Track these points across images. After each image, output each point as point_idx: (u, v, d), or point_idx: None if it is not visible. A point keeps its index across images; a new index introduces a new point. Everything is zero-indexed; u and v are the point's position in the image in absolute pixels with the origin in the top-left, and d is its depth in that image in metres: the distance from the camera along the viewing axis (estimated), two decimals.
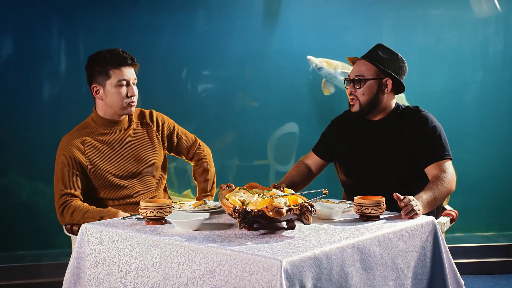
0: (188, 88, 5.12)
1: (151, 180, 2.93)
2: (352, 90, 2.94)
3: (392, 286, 2.21)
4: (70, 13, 4.75)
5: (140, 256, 2.15)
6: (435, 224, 2.43)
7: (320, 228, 2.24)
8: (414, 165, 2.88)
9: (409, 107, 3.01)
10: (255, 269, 1.85)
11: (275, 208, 2.07)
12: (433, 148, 2.85)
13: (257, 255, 1.85)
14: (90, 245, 2.33)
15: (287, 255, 1.84)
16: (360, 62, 2.96)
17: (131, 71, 2.85)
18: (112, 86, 2.81)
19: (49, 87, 4.84)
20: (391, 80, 2.92)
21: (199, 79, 5.13)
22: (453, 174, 2.80)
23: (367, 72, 2.91)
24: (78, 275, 2.37)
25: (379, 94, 2.93)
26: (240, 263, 1.88)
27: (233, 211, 2.11)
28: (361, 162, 2.98)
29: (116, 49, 2.84)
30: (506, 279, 4.59)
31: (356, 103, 2.94)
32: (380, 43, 3.01)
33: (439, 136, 2.88)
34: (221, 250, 1.94)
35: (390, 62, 2.92)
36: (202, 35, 5.02)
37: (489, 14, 5.32)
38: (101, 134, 2.88)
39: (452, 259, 2.47)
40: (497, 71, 5.33)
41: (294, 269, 1.83)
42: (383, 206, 2.38)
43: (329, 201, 2.62)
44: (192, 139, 3.14)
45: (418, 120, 2.92)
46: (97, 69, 2.82)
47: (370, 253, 2.12)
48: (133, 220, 2.42)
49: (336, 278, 1.97)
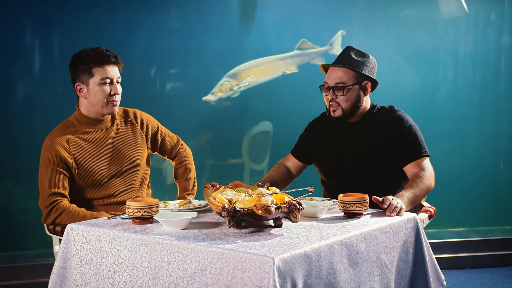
0: (157, 87, 5.10)
1: (134, 178, 2.93)
2: (333, 97, 2.94)
3: (377, 281, 2.26)
4: (44, 11, 4.69)
5: (128, 255, 2.16)
6: (417, 221, 2.48)
7: (307, 226, 2.27)
8: (391, 164, 2.94)
9: (384, 107, 3.05)
10: (247, 266, 1.87)
11: (264, 206, 2.09)
12: (410, 147, 2.91)
13: (249, 253, 1.88)
14: (76, 245, 2.31)
15: (278, 253, 1.87)
16: (336, 68, 2.95)
17: (114, 69, 2.84)
18: (95, 85, 2.80)
19: (22, 86, 4.77)
20: (370, 82, 2.97)
21: (167, 78, 5.12)
22: (431, 171, 2.86)
23: (347, 78, 2.92)
24: (64, 275, 2.35)
25: (360, 98, 2.96)
26: (232, 261, 1.90)
27: (222, 210, 2.13)
28: (340, 164, 3.02)
29: (99, 48, 2.82)
30: (477, 273, 4.70)
31: (338, 108, 2.95)
32: (349, 46, 3.02)
33: (415, 135, 2.94)
34: (212, 249, 1.95)
35: (364, 64, 2.95)
36: (177, 33, 5.02)
37: (457, 15, 5.43)
38: (84, 132, 2.86)
39: (433, 255, 2.53)
40: (467, 70, 5.45)
41: (286, 266, 1.85)
42: (367, 203, 2.43)
43: (312, 199, 2.66)
44: (175, 139, 3.16)
45: (393, 120, 2.97)
46: (80, 67, 2.80)
47: (357, 249, 2.16)
48: (120, 220, 2.42)
49: (325, 274, 2.01)
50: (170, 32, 5.01)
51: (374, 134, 2.97)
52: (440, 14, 5.42)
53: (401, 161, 2.92)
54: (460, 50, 5.47)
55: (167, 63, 5.06)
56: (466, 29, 5.46)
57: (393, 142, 2.92)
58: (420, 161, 2.88)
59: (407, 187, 2.73)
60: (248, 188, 2.48)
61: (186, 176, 3.16)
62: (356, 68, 2.92)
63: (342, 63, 2.94)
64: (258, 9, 5.18)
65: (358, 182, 2.92)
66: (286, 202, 2.17)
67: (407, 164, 2.90)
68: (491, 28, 5.50)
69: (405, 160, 2.90)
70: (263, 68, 5.16)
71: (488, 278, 4.58)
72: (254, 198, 2.23)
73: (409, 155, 2.90)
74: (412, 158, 2.89)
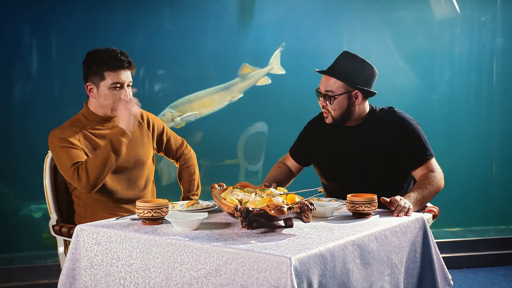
0: (155, 88, 5.09)
1: (139, 176, 2.93)
2: (324, 104, 2.93)
3: (388, 281, 2.27)
4: (41, 11, 4.66)
5: (140, 256, 2.15)
6: (424, 221, 2.50)
7: (318, 226, 2.28)
8: (394, 168, 2.93)
9: (383, 109, 3.02)
10: (263, 267, 1.87)
11: (277, 206, 2.09)
12: (416, 151, 2.89)
13: (265, 253, 1.88)
14: (85, 246, 2.30)
15: (294, 253, 1.87)
16: (327, 76, 2.91)
17: (126, 73, 2.82)
18: (105, 88, 2.79)
19: (20, 87, 4.73)
20: (360, 92, 2.90)
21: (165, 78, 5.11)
22: (440, 172, 2.87)
23: (335, 87, 2.87)
24: (73, 277, 2.34)
25: (350, 107, 2.91)
26: (248, 261, 1.90)
27: (235, 210, 2.13)
28: (342, 168, 3.01)
29: (114, 51, 2.80)
30: (474, 273, 4.73)
31: (329, 116, 2.94)
32: (346, 51, 2.94)
33: (419, 136, 2.92)
34: (227, 249, 1.95)
35: (358, 71, 2.88)
36: (174, 34, 5.01)
37: (449, 16, 5.46)
38: (93, 128, 2.85)
39: (440, 254, 2.55)
40: (463, 71, 5.49)
41: (302, 266, 1.86)
42: (376, 203, 2.44)
43: (320, 199, 2.67)
44: (179, 140, 3.16)
45: (394, 123, 2.94)
46: (93, 69, 2.79)
47: (369, 249, 2.17)
48: (129, 221, 2.41)
49: (339, 274, 2.02)
50: (168, 33, 5.00)
51: (375, 138, 2.94)
52: (433, 15, 5.45)
53: (408, 166, 2.91)
54: (452, 52, 5.51)
55: (166, 63, 5.05)
56: (458, 30, 5.50)
57: (397, 146, 2.90)
58: (427, 163, 2.88)
59: (416, 188, 2.74)
60: (256, 189, 2.49)
61: (190, 177, 3.17)
62: (346, 77, 2.85)
63: (334, 71, 2.89)
64: (256, 10, 5.18)
65: (359, 187, 2.89)
66: (298, 202, 2.17)
67: (414, 168, 2.90)
68: (485, 30, 5.54)
69: (412, 164, 2.90)
70: (207, 100, 5.17)
71: (485, 277, 4.62)
72: (265, 198, 2.23)
73: (416, 159, 2.88)
74: (419, 162, 2.88)
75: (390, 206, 2.50)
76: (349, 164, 2.98)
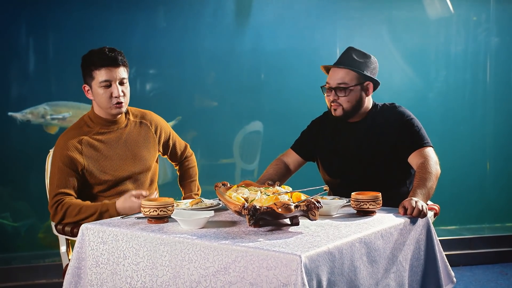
0: (152, 87, 5.08)
1: (144, 179, 2.93)
2: (334, 98, 2.95)
3: (393, 278, 2.28)
4: (38, 11, 4.64)
5: (147, 254, 2.15)
6: (428, 218, 2.52)
7: (324, 224, 2.29)
8: (395, 160, 2.95)
9: (385, 105, 3.07)
10: (272, 264, 1.88)
11: (284, 204, 2.10)
12: (412, 138, 2.91)
13: (274, 251, 1.89)
14: (91, 245, 2.30)
15: (304, 250, 1.88)
16: (338, 69, 2.96)
17: (115, 71, 2.77)
18: (97, 87, 2.78)
19: (16, 87, 4.71)
20: (371, 83, 2.99)
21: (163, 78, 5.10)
22: (435, 159, 2.85)
23: (349, 79, 2.93)
24: (78, 275, 2.34)
25: (362, 98, 2.98)
26: (257, 259, 1.91)
27: (242, 208, 2.14)
28: (344, 165, 3.03)
29: (103, 49, 2.78)
30: (470, 271, 4.77)
31: (339, 108, 2.96)
32: (351, 46, 3.02)
33: (417, 127, 2.95)
34: (236, 247, 1.96)
35: (366, 65, 2.97)
36: (172, 33, 5.00)
37: (442, 15, 5.49)
38: (98, 133, 2.84)
39: (443, 252, 2.56)
40: (459, 70, 5.52)
41: (312, 263, 1.87)
42: (380, 201, 2.45)
43: (323, 197, 2.67)
44: (183, 145, 3.19)
45: (395, 116, 2.99)
46: (86, 70, 2.79)
47: (375, 247, 2.18)
48: (134, 220, 2.41)
49: (347, 271, 2.03)
50: (165, 32, 4.99)
51: (377, 132, 2.98)
52: (426, 14, 5.48)
53: (404, 151, 2.91)
54: (447, 51, 5.53)
55: (165, 63, 5.04)
56: (452, 30, 5.52)
57: (395, 136, 2.93)
58: (423, 150, 2.87)
59: (418, 182, 2.69)
60: (259, 187, 2.49)
61: (192, 178, 3.21)
62: (358, 69, 2.94)
63: (344, 64, 2.95)
64: (254, 9, 5.19)
65: (362, 182, 2.93)
66: (304, 200, 2.18)
67: (410, 154, 2.89)
68: (479, 29, 5.58)
69: (407, 150, 2.89)
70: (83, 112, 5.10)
71: (482, 275, 4.65)
72: (272, 196, 2.24)
73: (412, 144, 2.89)
74: (415, 147, 2.88)
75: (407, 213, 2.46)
76: (352, 160, 3.00)
